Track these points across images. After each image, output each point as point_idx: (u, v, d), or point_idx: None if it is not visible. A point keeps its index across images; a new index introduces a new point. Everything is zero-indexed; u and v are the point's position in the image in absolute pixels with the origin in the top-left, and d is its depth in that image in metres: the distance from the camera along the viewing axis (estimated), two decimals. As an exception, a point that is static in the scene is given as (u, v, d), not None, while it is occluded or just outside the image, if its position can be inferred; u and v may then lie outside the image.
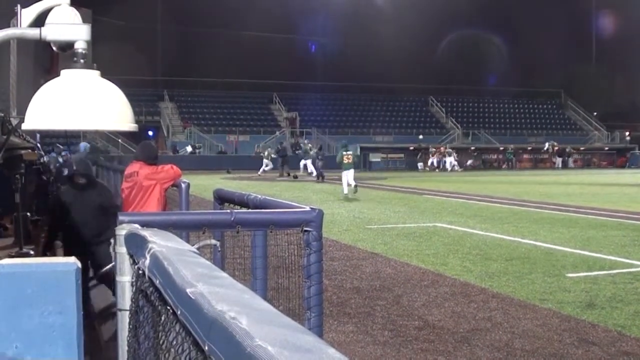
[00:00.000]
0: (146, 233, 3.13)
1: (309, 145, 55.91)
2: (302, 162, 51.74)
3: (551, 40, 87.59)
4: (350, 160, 31.48)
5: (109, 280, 7.42)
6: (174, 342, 2.33)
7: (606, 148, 76.30)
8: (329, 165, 43.22)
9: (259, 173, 50.65)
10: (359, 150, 65.01)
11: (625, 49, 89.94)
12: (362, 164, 61.95)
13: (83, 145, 35.21)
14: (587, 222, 20.53)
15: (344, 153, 31.70)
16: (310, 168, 48.72)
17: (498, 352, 7.95)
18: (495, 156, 70.07)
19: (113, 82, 4.31)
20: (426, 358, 7.79)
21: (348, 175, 30.97)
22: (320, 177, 43.32)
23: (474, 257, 14.28)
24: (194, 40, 77.52)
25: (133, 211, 8.51)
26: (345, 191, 30.64)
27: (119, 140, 59.04)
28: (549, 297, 10.53)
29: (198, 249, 3.20)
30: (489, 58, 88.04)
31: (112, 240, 3.35)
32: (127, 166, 9.72)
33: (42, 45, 4.41)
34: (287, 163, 50.40)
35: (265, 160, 53.69)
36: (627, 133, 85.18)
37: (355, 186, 30.75)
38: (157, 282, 2.56)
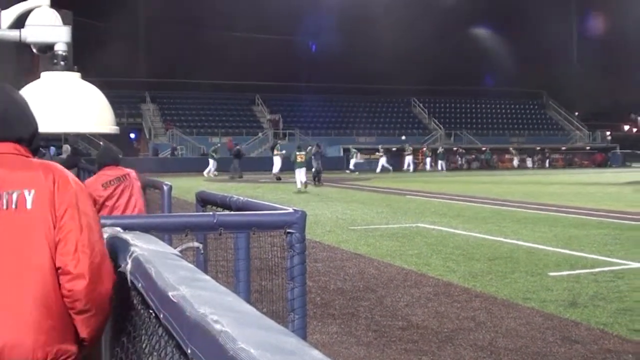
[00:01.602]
0: (128, 236, 3.11)
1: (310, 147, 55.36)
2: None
3: (533, 41, 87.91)
4: (302, 159, 36.69)
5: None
6: (157, 346, 2.31)
7: (587, 148, 76.73)
8: (286, 166, 43.47)
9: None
10: (342, 151, 65.16)
11: (606, 49, 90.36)
12: (345, 164, 62.06)
13: (65, 147, 35.05)
14: (569, 221, 20.61)
15: (297, 153, 37.01)
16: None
17: (482, 351, 7.96)
18: (475, 156, 70.82)
19: (94, 84, 4.30)
20: (410, 358, 7.79)
21: (300, 173, 35.90)
22: (318, 180, 42.08)
23: (457, 257, 14.30)
24: (176, 41, 77.27)
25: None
26: (299, 185, 35.43)
27: (101, 143, 58.73)
28: (532, 296, 10.56)
29: (181, 251, 3.19)
30: (471, 59, 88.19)
31: None
32: (103, 171, 8.69)
33: (22, 47, 4.39)
34: (241, 164, 50.03)
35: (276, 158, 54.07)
36: (608, 133, 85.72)
37: (306, 183, 35.95)
38: (140, 285, 2.55)
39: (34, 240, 2.86)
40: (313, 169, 41.51)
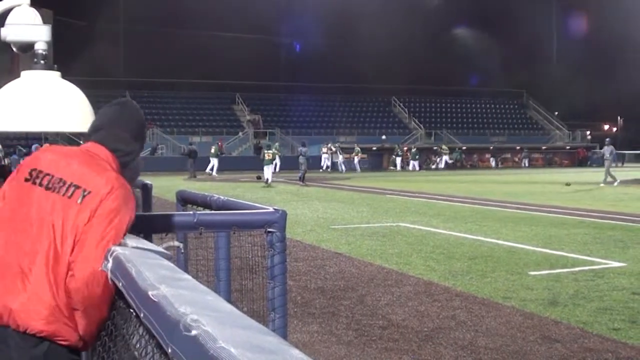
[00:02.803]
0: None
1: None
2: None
3: (513, 40, 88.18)
4: (270, 157, 41.29)
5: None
6: (137, 345, 2.32)
7: (567, 147, 77.07)
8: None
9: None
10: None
11: (586, 49, 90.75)
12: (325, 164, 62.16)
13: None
14: (549, 221, 20.69)
15: (266, 152, 41.75)
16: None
17: (462, 350, 7.98)
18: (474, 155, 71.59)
19: (74, 83, 4.28)
20: (390, 357, 7.79)
21: (268, 170, 40.58)
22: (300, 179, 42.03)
23: (438, 256, 14.32)
24: (156, 41, 76.99)
25: None
26: (267, 177, 40.31)
27: (81, 142, 58.31)
28: (512, 295, 10.60)
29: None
30: (452, 59, 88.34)
31: None
32: None
33: (2, 46, 4.37)
34: (194, 163, 49.98)
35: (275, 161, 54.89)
36: (588, 132, 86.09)
37: (267, 180, 40.25)
38: (120, 284, 2.55)
39: (67, 229, 3.15)
40: (303, 169, 41.68)
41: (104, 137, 3.50)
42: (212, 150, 54.18)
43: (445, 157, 67.60)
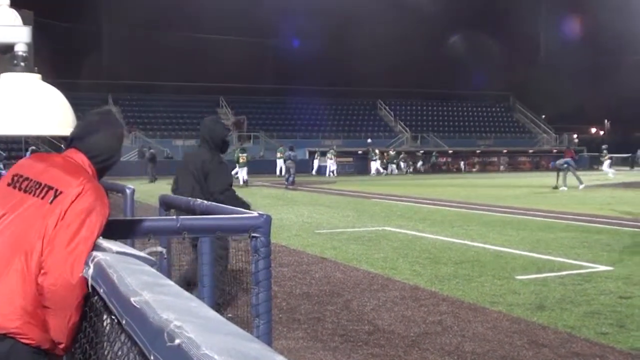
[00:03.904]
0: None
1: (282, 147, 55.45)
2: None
3: (500, 43, 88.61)
4: (244, 160, 43.92)
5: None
6: (119, 353, 2.28)
7: (554, 151, 77.44)
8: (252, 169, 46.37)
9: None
10: (307, 154, 65.12)
11: (573, 53, 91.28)
12: (311, 168, 62.23)
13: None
14: (536, 224, 20.73)
15: (240, 154, 44.15)
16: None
17: (449, 355, 7.96)
18: (444, 159, 71.53)
19: (54, 86, 4.23)
20: (377, 363, 7.77)
21: (243, 172, 43.43)
22: (290, 182, 42.33)
23: (424, 261, 14.31)
24: (139, 43, 76.97)
25: None
26: (245, 178, 43.18)
27: (62, 146, 58.27)
28: (499, 300, 10.58)
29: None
30: (438, 62, 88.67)
31: None
32: None
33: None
34: (155, 167, 50.12)
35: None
36: (575, 136, 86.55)
37: (246, 181, 42.96)
38: (101, 290, 2.51)
39: (37, 229, 3.26)
40: (291, 172, 42.16)
41: (82, 145, 3.68)
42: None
43: (377, 164, 64.54)
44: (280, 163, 55.62)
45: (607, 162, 56.28)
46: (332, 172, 60.38)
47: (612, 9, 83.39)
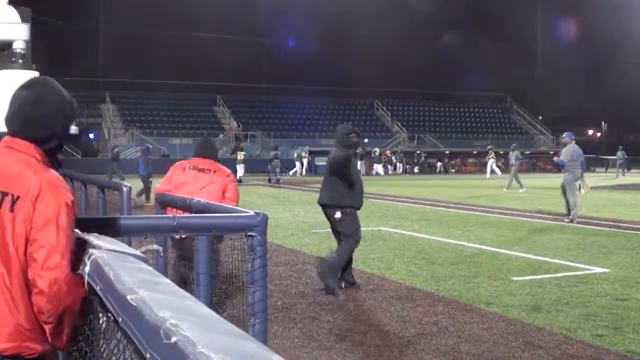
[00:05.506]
0: (88, 237, 3.07)
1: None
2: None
3: (497, 44, 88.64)
4: (242, 158, 46.33)
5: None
6: (115, 350, 2.27)
7: (551, 152, 77.39)
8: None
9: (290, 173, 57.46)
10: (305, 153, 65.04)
11: (570, 54, 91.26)
12: (311, 167, 62.13)
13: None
14: (532, 226, 20.74)
15: (239, 152, 46.67)
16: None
17: (444, 356, 7.96)
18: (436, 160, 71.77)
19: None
20: (372, 362, 7.77)
21: (240, 168, 45.03)
22: (276, 181, 44.63)
23: (420, 261, 14.31)
24: (136, 41, 76.90)
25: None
26: (240, 174, 44.06)
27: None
28: (495, 301, 10.58)
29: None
30: (436, 63, 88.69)
31: None
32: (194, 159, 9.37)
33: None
34: (119, 167, 50.30)
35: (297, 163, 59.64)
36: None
37: (240, 180, 42.51)
38: (98, 288, 2.51)
39: (7, 241, 2.98)
40: (277, 171, 43.21)
41: (18, 128, 3.17)
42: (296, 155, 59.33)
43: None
44: (297, 165, 59.04)
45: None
46: (296, 172, 60.81)
47: (609, 10, 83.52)
